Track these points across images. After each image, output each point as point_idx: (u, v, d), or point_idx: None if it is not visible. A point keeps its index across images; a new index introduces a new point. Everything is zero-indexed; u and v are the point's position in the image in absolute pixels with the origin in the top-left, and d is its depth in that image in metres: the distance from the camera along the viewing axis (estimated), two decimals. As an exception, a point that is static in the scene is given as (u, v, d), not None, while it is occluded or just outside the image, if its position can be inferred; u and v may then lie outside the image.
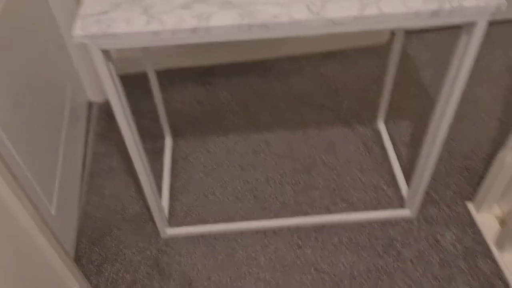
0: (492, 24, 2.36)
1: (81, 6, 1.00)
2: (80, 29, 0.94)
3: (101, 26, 0.95)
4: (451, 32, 2.29)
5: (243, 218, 1.62)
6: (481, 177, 1.69)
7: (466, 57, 1.05)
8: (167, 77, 2.16)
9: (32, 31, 1.45)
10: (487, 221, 1.52)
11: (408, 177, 1.70)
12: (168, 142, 1.87)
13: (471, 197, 1.63)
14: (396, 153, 1.80)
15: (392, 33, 2.24)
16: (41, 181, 1.32)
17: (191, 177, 1.76)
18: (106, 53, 1.00)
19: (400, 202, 1.63)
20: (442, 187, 1.66)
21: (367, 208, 1.62)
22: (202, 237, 1.57)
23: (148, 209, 1.66)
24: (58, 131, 1.56)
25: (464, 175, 1.70)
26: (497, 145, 1.79)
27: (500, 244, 1.43)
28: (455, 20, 0.97)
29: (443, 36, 2.29)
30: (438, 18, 0.97)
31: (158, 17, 0.97)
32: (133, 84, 2.12)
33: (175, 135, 1.91)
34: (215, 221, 1.61)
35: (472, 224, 1.55)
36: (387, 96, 1.76)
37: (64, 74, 1.74)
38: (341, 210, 1.62)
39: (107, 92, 1.05)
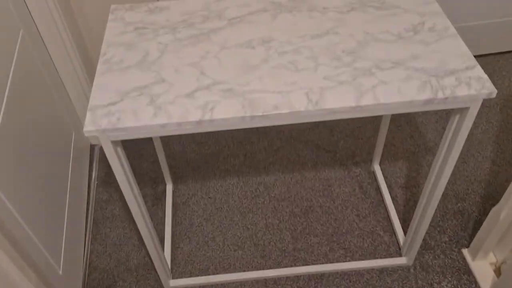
0: (481, 56, 2.42)
1: (91, 96, 1.04)
2: (91, 124, 0.98)
3: (111, 119, 0.99)
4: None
5: (244, 267, 1.66)
6: (476, 222, 1.74)
7: (458, 135, 1.10)
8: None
9: (36, 81, 1.48)
10: (482, 269, 1.58)
11: (404, 222, 1.75)
12: (169, 187, 1.90)
13: (466, 243, 1.68)
14: (392, 196, 1.85)
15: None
16: (48, 243, 1.35)
17: (191, 223, 1.80)
18: (115, 142, 1.04)
19: (397, 249, 1.68)
20: (438, 232, 1.71)
21: (364, 254, 1.67)
22: (204, 287, 1.61)
23: (151, 258, 1.69)
24: (64, 182, 1.59)
25: (459, 219, 1.76)
26: (490, 187, 1.84)
27: (494, 294, 1.49)
28: (448, 106, 1.02)
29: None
30: (431, 105, 1.02)
31: (164, 108, 1.01)
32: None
33: (176, 178, 1.95)
34: (216, 269, 1.65)
35: (467, 271, 1.60)
36: (382, 137, 1.80)
37: (68, 121, 1.77)
38: (339, 257, 1.66)
39: (115, 172, 1.09)
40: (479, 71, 1.05)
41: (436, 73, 1.05)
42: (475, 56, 2.42)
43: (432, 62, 1.08)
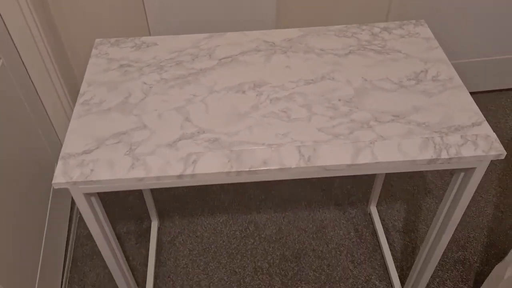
0: (484, 92, 2.35)
1: (64, 142, 0.96)
2: (61, 176, 0.89)
3: (84, 170, 0.90)
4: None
5: (230, 315, 1.56)
6: (478, 273, 1.65)
7: (462, 195, 1.02)
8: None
9: (16, 111, 1.40)
10: (481, 327, 1.48)
11: (401, 270, 1.65)
12: (155, 224, 1.81)
13: (465, 296, 1.59)
14: (389, 242, 1.75)
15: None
16: (18, 283, 1.26)
17: (176, 264, 1.70)
18: (88, 194, 0.95)
19: (392, 301, 1.58)
20: (437, 284, 1.62)
21: (358, 306, 1.57)
22: (187, 336, 1.51)
23: (131, 302, 1.59)
24: (41, 216, 1.49)
25: (459, 269, 1.66)
26: (493, 235, 1.75)
27: None
28: (453, 166, 0.94)
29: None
30: (434, 165, 0.93)
31: (143, 160, 0.92)
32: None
33: (162, 214, 1.86)
34: (201, 318, 1.55)
35: (466, 329, 1.50)
36: (381, 178, 1.71)
37: (50, 153, 1.68)
38: (331, 308, 1.57)
39: (88, 226, 1.00)
40: (486, 128, 0.97)
41: (439, 129, 0.97)
42: (478, 93, 2.35)
43: (435, 116, 1.00)
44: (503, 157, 0.92)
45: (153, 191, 1.94)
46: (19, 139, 1.42)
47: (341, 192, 1.93)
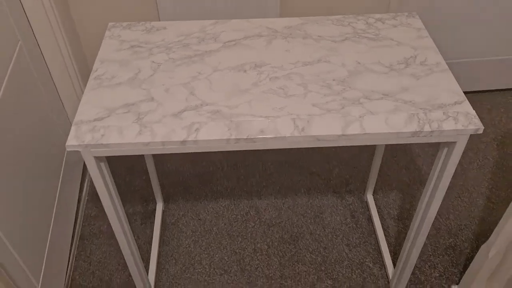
0: (480, 92, 2.42)
1: (78, 110, 1.04)
2: (74, 139, 0.98)
3: (95, 135, 0.99)
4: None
5: (229, 291, 1.63)
6: (467, 258, 1.71)
7: (446, 168, 1.09)
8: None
9: (30, 93, 1.49)
10: (469, 308, 1.54)
11: (394, 254, 1.72)
12: (160, 206, 1.89)
13: (456, 279, 1.65)
14: (383, 227, 1.82)
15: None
16: (28, 257, 1.34)
17: (179, 245, 1.78)
18: (99, 157, 1.03)
19: (386, 282, 1.64)
20: (428, 267, 1.68)
21: (352, 286, 1.64)
22: (187, 310, 1.59)
23: (135, 277, 1.67)
24: (51, 195, 1.58)
25: (450, 254, 1.72)
26: (484, 224, 1.82)
27: (481, 335, 1.45)
28: (435, 140, 1.01)
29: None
30: (418, 138, 1.01)
31: (150, 127, 1.01)
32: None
33: (167, 197, 1.94)
34: (201, 293, 1.63)
35: (454, 309, 1.57)
36: (376, 167, 1.79)
37: (62, 133, 1.77)
38: (326, 288, 1.64)
39: (97, 188, 1.09)
40: (467, 106, 1.04)
41: (424, 107, 1.04)
42: (475, 92, 2.42)
43: (421, 95, 1.08)
44: (481, 131, 1.00)
45: (159, 175, 2.02)
46: (33, 120, 1.51)
47: (340, 181, 2.00)
